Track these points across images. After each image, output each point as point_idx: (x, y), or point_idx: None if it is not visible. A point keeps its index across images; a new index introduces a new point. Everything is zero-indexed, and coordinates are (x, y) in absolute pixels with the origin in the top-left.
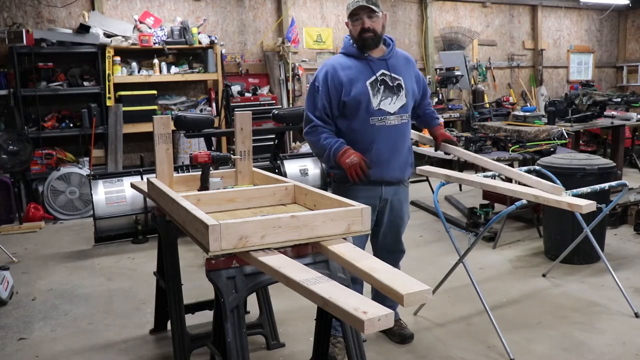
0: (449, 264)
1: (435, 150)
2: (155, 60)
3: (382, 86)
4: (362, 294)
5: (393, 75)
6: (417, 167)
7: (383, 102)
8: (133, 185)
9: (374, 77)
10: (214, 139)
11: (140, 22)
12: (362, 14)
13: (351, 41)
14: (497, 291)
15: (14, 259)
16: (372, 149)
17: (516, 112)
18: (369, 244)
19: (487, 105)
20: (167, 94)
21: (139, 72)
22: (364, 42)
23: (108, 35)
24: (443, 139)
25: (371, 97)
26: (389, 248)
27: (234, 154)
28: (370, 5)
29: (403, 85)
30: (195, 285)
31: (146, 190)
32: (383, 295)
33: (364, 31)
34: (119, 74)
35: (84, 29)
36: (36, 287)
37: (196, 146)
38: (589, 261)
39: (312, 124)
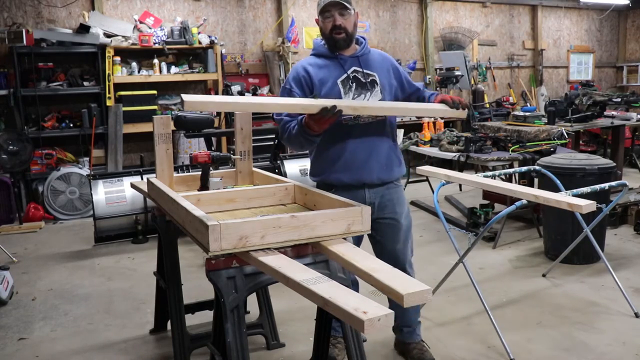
0: (449, 264)
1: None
2: (155, 60)
3: (354, 83)
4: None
5: (366, 71)
6: (417, 167)
7: (357, 98)
8: (133, 185)
9: (345, 75)
10: (214, 139)
11: (140, 22)
12: (333, 10)
13: (322, 41)
14: (497, 291)
15: (14, 259)
16: (346, 150)
17: (516, 112)
18: None
19: (487, 105)
20: (167, 94)
21: (139, 72)
22: (335, 42)
23: (108, 35)
24: (440, 100)
25: (342, 95)
26: (393, 258)
27: (234, 154)
28: (343, 2)
29: (378, 81)
30: (195, 285)
31: (146, 190)
32: (402, 310)
33: (335, 29)
34: (119, 74)
35: (84, 29)
36: (36, 287)
37: (196, 146)
38: (589, 261)
39: (283, 122)
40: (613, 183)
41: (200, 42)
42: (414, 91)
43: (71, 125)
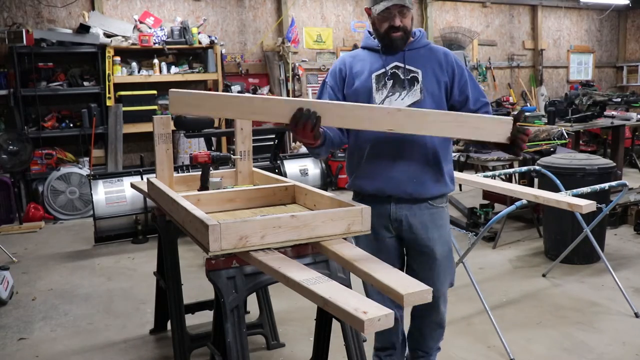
0: None
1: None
2: (155, 60)
3: (392, 80)
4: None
5: (408, 67)
6: None
7: (389, 99)
8: (133, 185)
9: (382, 70)
10: (214, 139)
11: (140, 22)
12: (393, 9)
13: (372, 36)
14: (497, 291)
15: (14, 259)
16: (365, 154)
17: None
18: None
19: None
20: (167, 94)
21: (139, 72)
22: (392, 42)
23: (108, 35)
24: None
25: (373, 91)
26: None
27: (234, 154)
28: (404, 3)
29: (419, 79)
30: (195, 285)
31: (146, 190)
32: (420, 335)
33: (393, 29)
34: (119, 74)
35: (84, 29)
36: (36, 287)
37: (196, 146)
38: (589, 261)
39: None
40: (613, 183)
41: (200, 42)
42: (464, 101)
43: (71, 125)
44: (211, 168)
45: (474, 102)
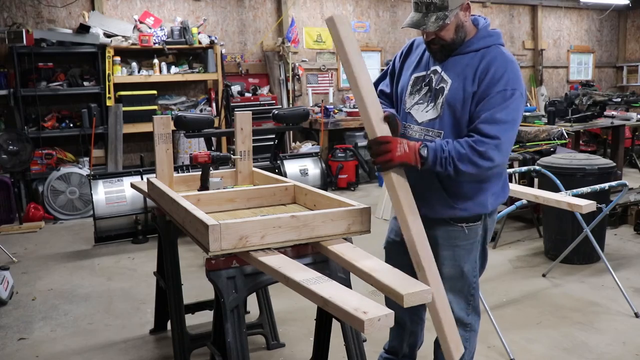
0: None
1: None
2: (155, 60)
3: (427, 87)
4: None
5: (443, 75)
6: None
7: (417, 107)
8: (133, 185)
9: (423, 73)
10: (214, 139)
11: (140, 22)
12: None
13: None
14: (497, 291)
15: (14, 259)
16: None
17: None
18: None
19: None
20: (167, 94)
21: (139, 72)
22: (432, 53)
23: (108, 35)
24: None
25: (405, 95)
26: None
27: (234, 154)
28: (429, 29)
29: (445, 91)
30: (195, 285)
31: (146, 190)
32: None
33: (429, 42)
34: (119, 74)
35: (84, 29)
36: (36, 287)
37: (196, 146)
38: (589, 261)
39: None
40: (613, 183)
41: (200, 42)
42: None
43: (71, 125)
44: (211, 168)
45: (476, 121)
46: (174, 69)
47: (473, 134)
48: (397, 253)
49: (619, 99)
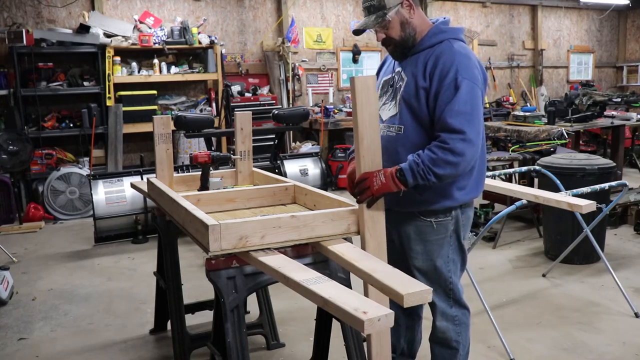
0: None
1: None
2: (155, 60)
3: (392, 88)
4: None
5: (402, 74)
6: None
7: (383, 107)
8: (133, 185)
9: (389, 76)
10: (214, 139)
11: (140, 22)
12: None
13: None
14: (497, 291)
15: (14, 259)
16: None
17: (516, 112)
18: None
19: (487, 105)
20: (167, 94)
21: (139, 72)
22: (391, 54)
23: (108, 35)
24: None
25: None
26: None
27: (234, 154)
28: (374, 24)
29: (401, 90)
30: (195, 285)
31: (146, 190)
32: (432, 353)
33: (383, 43)
34: (119, 74)
35: (84, 29)
36: (36, 287)
37: (196, 146)
38: (589, 261)
39: None
40: (613, 183)
41: (200, 42)
42: (437, 133)
43: (71, 125)
44: (211, 168)
45: (437, 121)
46: (174, 69)
47: (439, 133)
48: (390, 253)
49: (619, 99)
